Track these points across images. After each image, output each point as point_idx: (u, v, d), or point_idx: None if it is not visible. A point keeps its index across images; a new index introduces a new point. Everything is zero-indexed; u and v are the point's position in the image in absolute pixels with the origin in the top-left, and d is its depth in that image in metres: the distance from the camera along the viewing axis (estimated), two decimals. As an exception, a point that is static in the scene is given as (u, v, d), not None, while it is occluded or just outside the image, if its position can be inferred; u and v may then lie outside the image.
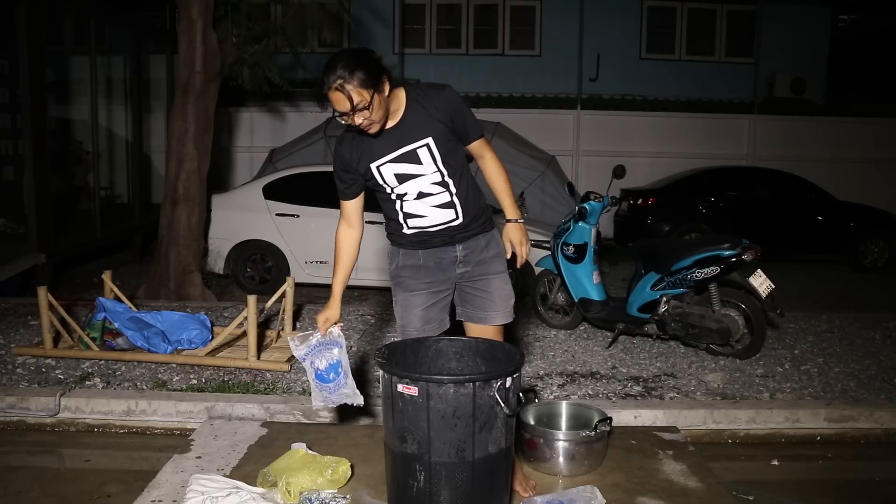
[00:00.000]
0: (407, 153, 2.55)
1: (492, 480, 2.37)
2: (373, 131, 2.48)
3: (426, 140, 2.54)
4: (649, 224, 9.47)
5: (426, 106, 2.53)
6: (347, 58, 2.38)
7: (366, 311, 5.87)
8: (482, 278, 2.73)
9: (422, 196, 2.63)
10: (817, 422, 3.80)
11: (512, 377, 2.32)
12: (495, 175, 2.70)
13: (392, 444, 2.39)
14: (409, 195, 2.63)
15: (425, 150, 2.55)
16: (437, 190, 2.62)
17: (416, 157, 2.56)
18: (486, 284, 2.74)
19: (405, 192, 2.63)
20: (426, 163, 2.57)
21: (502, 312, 2.76)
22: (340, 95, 2.36)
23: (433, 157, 2.56)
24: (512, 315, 2.79)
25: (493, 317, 2.75)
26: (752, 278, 4.58)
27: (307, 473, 2.76)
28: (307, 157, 8.62)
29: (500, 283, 2.75)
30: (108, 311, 4.52)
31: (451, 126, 2.56)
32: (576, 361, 4.64)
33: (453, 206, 2.64)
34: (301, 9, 6.91)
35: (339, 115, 2.42)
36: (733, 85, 13.58)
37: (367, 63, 2.38)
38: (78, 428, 3.71)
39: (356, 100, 2.36)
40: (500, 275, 2.75)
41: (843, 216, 9.51)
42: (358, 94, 2.35)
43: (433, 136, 2.54)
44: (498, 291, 2.74)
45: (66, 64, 8.72)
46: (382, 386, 2.42)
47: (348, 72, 2.34)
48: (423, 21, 13.86)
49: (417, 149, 2.55)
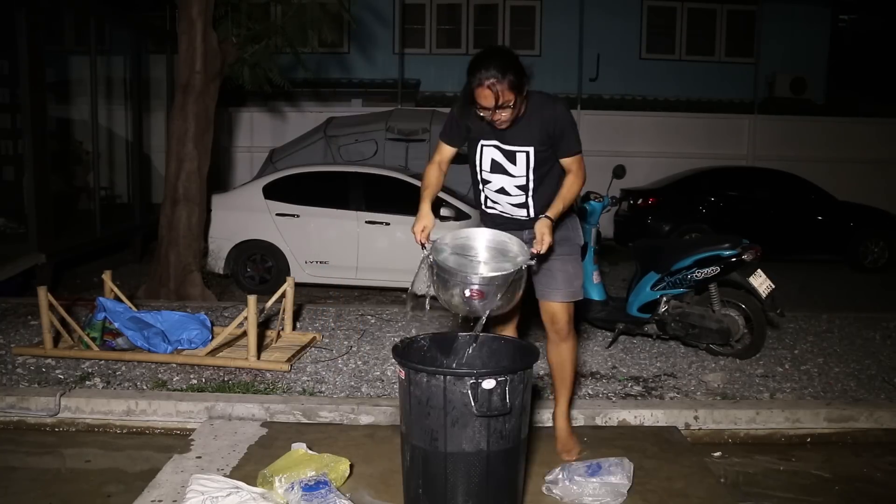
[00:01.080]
0: (508, 151, 2.85)
1: (467, 479, 2.37)
2: (503, 127, 2.74)
3: (528, 148, 2.82)
4: (649, 224, 9.47)
5: (540, 115, 2.79)
6: (501, 58, 2.62)
7: (366, 310, 5.87)
8: (547, 259, 2.96)
9: (502, 192, 2.94)
10: (817, 422, 3.80)
11: (496, 379, 2.29)
12: (567, 185, 2.88)
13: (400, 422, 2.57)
14: (492, 186, 2.95)
15: (523, 156, 2.84)
16: (516, 192, 2.93)
17: (514, 158, 2.85)
18: (549, 265, 3.00)
19: (490, 181, 2.94)
20: (519, 166, 2.86)
21: (563, 291, 3.04)
22: (489, 93, 2.60)
23: (527, 163, 2.85)
24: (575, 296, 3.08)
25: (554, 293, 3.04)
26: (752, 278, 4.58)
27: (304, 472, 2.76)
28: (307, 157, 8.62)
29: (561, 264, 3.01)
30: (108, 311, 4.52)
31: (552, 139, 2.81)
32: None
33: (526, 206, 2.96)
34: (301, 9, 6.91)
35: (481, 109, 2.66)
36: (733, 85, 13.59)
37: (518, 67, 2.64)
38: (78, 428, 3.71)
39: (503, 99, 2.61)
40: (562, 257, 3.01)
41: (843, 216, 9.51)
42: (505, 95, 2.60)
43: (535, 146, 2.82)
44: (560, 271, 3.01)
45: (66, 64, 8.73)
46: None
47: (501, 73, 2.58)
48: (423, 21, 13.86)
49: (517, 152, 2.82)
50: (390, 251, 6.70)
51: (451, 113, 2.96)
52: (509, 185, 2.92)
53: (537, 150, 2.83)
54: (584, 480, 2.81)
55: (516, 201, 2.95)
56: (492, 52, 2.68)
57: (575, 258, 3.08)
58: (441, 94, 13.29)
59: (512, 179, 2.90)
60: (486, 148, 2.88)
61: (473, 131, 2.89)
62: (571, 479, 2.83)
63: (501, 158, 2.88)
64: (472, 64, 2.66)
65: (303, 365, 4.41)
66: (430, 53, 13.86)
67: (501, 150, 2.86)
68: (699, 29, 13.93)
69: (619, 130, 12.11)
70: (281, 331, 4.86)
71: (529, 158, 2.84)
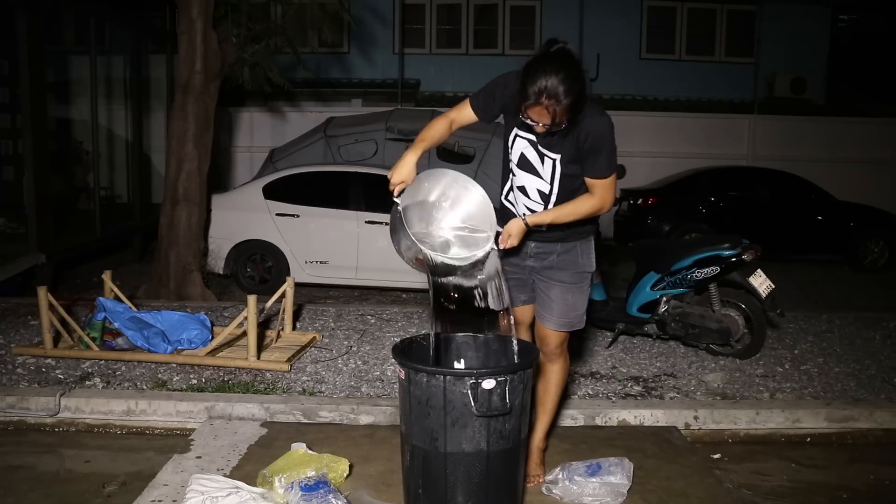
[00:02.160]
0: (540, 151, 2.63)
1: (467, 479, 2.37)
2: (541, 131, 2.49)
3: (556, 156, 2.61)
4: (649, 224, 9.48)
5: (580, 128, 2.51)
6: (568, 76, 2.33)
7: (366, 310, 5.87)
8: (547, 281, 2.83)
9: (523, 191, 2.73)
10: (817, 422, 3.80)
11: (496, 379, 2.28)
12: (577, 201, 2.64)
13: (400, 422, 2.56)
14: (517, 181, 2.73)
15: (550, 162, 2.63)
16: (536, 197, 2.71)
17: (543, 160, 2.63)
18: (547, 288, 2.84)
19: (517, 175, 2.71)
20: (546, 169, 2.64)
21: (555, 320, 2.84)
22: (545, 113, 2.37)
23: (554, 171, 2.63)
24: (571, 326, 2.86)
25: (547, 319, 2.85)
26: (752, 278, 4.58)
27: (304, 472, 2.76)
28: (307, 157, 8.60)
29: (559, 293, 2.82)
30: (108, 311, 4.52)
31: (581, 153, 2.56)
32: (576, 361, 4.63)
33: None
34: (301, 9, 6.91)
35: (531, 121, 2.43)
36: (733, 85, 13.59)
37: (583, 86, 2.37)
38: (78, 428, 3.71)
39: (558, 120, 2.39)
40: (563, 284, 2.81)
41: (843, 216, 9.51)
42: (562, 117, 2.38)
43: (562, 155, 2.59)
44: (557, 300, 2.82)
45: (66, 64, 8.72)
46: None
47: (563, 96, 2.32)
48: (423, 21, 13.86)
49: (546, 156, 2.62)
50: (390, 251, 6.60)
51: (496, 83, 2.62)
52: (531, 187, 2.68)
53: (564, 162, 2.60)
54: (584, 480, 2.82)
55: (534, 207, 2.71)
56: (558, 65, 2.33)
57: (579, 287, 2.83)
58: (441, 94, 13.30)
59: (537, 181, 2.66)
60: (520, 139, 2.64)
61: (511, 121, 2.65)
62: (571, 479, 2.84)
63: (533, 155, 2.64)
64: (533, 71, 2.34)
65: (303, 365, 4.41)
66: (430, 53, 13.86)
67: (534, 145, 2.62)
68: (699, 29, 13.93)
69: (619, 130, 11.75)
70: (281, 331, 4.86)
71: (556, 167, 2.62)
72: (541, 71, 2.33)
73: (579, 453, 3.25)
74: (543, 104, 2.34)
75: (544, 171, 2.65)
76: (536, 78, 2.33)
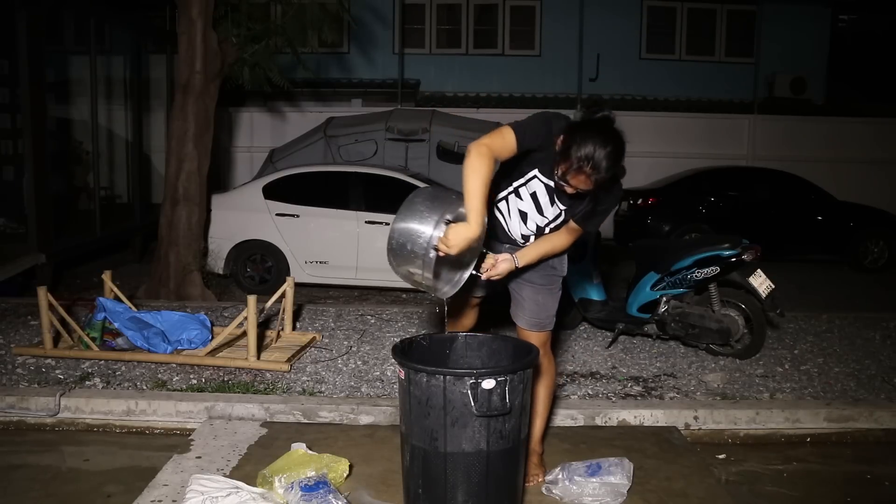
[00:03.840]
0: (552, 199, 2.67)
1: (467, 479, 2.37)
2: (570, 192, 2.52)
3: (566, 206, 2.67)
4: (649, 224, 9.48)
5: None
6: (612, 153, 2.36)
7: (366, 310, 5.87)
8: (518, 281, 2.88)
9: (521, 217, 2.75)
10: (817, 422, 3.80)
11: (496, 379, 2.28)
12: (555, 241, 2.75)
13: (400, 422, 2.56)
14: (517, 204, 2.74)
15: (559, 210, 2.69)
16: (532, 227, 2.76)
17: (552, 204, 2.69)
18: (519, 287, 2.90)
19: (522, 201, 2.73)
20: (551, 212, 2.70)
21: (527, 320, 2.90)
22: (583, 180, 2.39)
23: (558, 216, 2.71)
24: (542, 327, 2.90)
25: (519, 317, 2.92)
26: (752, 278, 4.58)
27: (304, 472, 2.76)
28: (307, 157, 8.62)
29: (530, 293, 2.87)
30: (108, 311, 4.52)
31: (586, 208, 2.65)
32: (576, 361, 4.64)
33: (526, 242, 2.80)
34: (301, 9, 6.91)
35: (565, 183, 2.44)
36: (733, 85, 13.59)
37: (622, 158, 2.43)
38: (78, 428, 3.71)
39: (591, 189, 2.44)
40: (534, 286, 2.87)
41: (843, 216, 9.51)
42: (595, 186, 2.42)
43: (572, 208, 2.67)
44: (528, 300, 2.88)
45: (66, 64, 8.72)
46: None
47: (606, 171, 2.37)
48: (423, 21, 13.87)
49: (557, 203, 2.68)
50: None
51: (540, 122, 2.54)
52: (531, 219, 2.74)
53: (570, 213, 2.69)
54: (584, 480, 2.82)
55: (525, 233, 2.78)
56: (607, 138, 2.36)
57: (549, 289, 2.88)
58: (441, 94, 13.31)
59: (538, 217, 2.73)
60: (538, 181, 2.66)
61: (534, 163, 2.64)
62: (571, 479, 2.84)
63: (545, 199, 2.68)
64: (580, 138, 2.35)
65: (303, 365, 4.41)
66: (429, 53, 13.87)
67: (550, 192, 2.65)
68: (699, 29, 13.93)
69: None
70: (281, 331, 4.86)
71: (562, 214, 2.70)
72: (589, 140, 2.35)
73: (579, 453, 3.25)
74: (586, 172, 2.37)
75: (549, 212, 2.72)
76: (584, 146, 2.34)
